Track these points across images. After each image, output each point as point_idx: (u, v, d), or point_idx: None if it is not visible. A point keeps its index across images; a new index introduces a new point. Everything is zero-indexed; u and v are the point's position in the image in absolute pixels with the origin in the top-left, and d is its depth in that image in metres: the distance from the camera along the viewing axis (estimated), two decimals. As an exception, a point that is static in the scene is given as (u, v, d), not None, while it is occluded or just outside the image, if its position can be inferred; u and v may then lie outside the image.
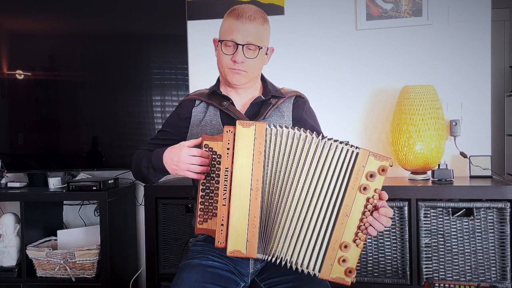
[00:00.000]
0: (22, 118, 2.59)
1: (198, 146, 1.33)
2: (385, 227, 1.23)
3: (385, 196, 1.23)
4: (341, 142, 1.24)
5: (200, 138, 1.32)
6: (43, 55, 2.59)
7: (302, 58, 2.51)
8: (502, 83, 4.45)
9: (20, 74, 2.58)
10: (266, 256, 1.26)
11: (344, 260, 1.22)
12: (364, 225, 1.22)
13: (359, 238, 1.22)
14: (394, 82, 2.40)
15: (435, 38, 2.38)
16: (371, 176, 1.21)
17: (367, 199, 1.21)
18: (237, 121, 1.25)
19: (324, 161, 1.23)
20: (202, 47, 2.58)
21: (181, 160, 1.30)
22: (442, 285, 1.78)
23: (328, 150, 1.23)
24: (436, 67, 2.38)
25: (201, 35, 2.59)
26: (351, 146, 1.24)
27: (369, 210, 1.22)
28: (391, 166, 1.22)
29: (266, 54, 1.49)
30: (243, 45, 1.39)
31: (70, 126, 2.56)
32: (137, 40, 2.54)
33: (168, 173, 1.39)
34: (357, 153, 1.22)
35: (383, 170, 1.21)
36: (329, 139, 1.25)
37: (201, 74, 2.58)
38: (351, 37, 2.46)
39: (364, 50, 2.45)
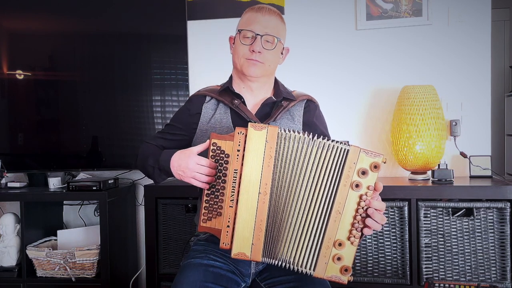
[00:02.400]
0: (22, 118, 2.59)
1: (206, 150, 1.32)
2: (381, 224, 1.22)
3: (380, 187, 1.22)
4: (336, 142, 1.23)
5: (208, 141, 1.31)
6: (43, 55, 2.59)
7: (302, 58, 2.51)
8: (502, 83, 4.45)
9: (20, 74, 2.58)
10: (271, 260, 1.26)
11: (339, 258, 1.21)
12: (358, 222, 1.21)
13: (354, 236, 1.21)
14: (394, 82, 2.40)
15: (435, 38, 2.38)
16: (363, 173, 1.20)
17: (360, 196, 1.20)
18: (249, 124, 1.24)
19: (323, 161, 1.23)
20: (202, 47, 2.59)
21: (189, 167, 1.30)
22: (442, 285, 1.78)
23: (326, 150, 1.23)
24: (436, 67, 2.38)
25: (201, 35, 2.59)
26: (343, 143, 1.23)
27: (362, 208, 1.20)
28: (384, 162, 1.21)
29: (282, 53, 1.51)
30: (261, 35, 1.42)
31: (70, 126, 2.56)
32: (137, 40, 2.54)
33: (173, 177, 1.38)
34: (347, 150, 1.21)
35: (375, 167, 1.19)
36: (322, 139, 1.24)
37: (201, 74, 2.58)
38: (351, 37, 2.46)
39: (364, 50, 2.45)
